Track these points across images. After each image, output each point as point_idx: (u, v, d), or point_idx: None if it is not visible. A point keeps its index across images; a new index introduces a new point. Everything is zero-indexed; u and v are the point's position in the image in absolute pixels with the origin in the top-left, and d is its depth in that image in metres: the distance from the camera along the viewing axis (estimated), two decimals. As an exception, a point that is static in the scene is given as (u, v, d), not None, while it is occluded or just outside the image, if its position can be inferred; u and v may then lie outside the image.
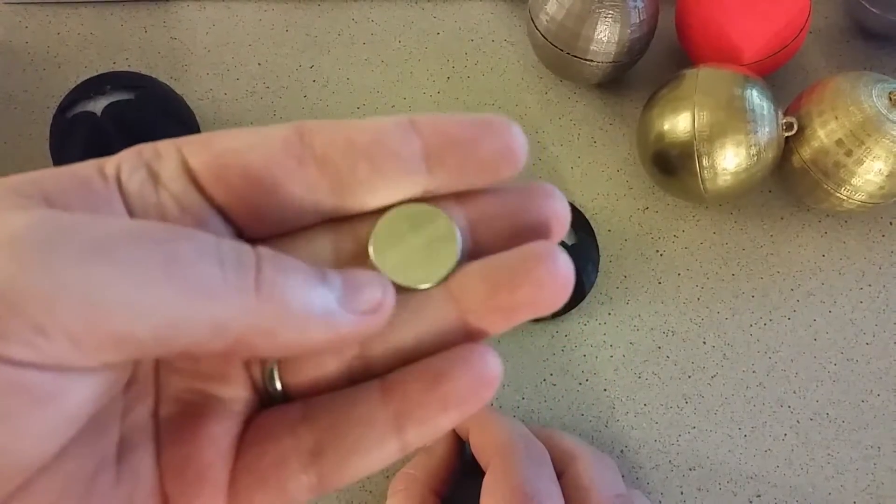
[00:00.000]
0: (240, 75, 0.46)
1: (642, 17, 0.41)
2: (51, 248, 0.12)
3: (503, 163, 0.16)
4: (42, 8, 0.48)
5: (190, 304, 0.13)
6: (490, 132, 0.16)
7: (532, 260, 0.15)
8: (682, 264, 0.42)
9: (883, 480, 0.38)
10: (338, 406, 0.16)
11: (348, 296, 0.15)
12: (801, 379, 0.40)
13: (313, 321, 0.14)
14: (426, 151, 0.15)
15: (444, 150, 0.15)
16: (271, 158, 0.15)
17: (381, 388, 0.16)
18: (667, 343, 0.40)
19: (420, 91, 0.46)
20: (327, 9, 0.49)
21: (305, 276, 0.14)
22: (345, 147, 0.15)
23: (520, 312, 0.16)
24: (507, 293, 0.15)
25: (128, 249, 0.12)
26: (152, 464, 0.15)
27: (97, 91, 0.38)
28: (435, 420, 0.15)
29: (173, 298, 0.12)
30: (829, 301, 0.42)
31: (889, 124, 0.37)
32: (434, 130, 0.16)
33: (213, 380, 0.16)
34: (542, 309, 0.16)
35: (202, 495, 0.15)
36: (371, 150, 0.15)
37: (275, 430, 0.16)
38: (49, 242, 0.12)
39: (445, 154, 0.15)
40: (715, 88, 0.38)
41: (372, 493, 0.36)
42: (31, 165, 0.43)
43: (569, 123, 0.46)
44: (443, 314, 0.16)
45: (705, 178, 0.39)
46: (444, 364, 0.16)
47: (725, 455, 0.38)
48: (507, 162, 0.16)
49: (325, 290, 0.15)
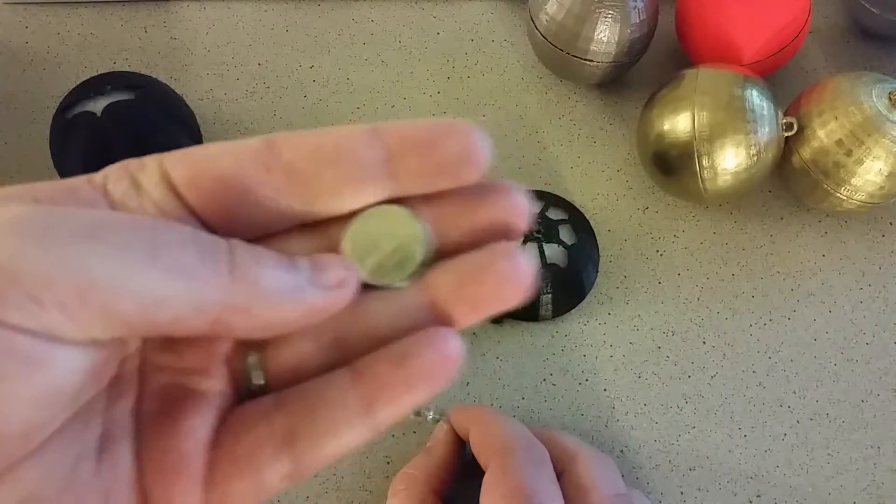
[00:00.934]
0: (240, 75, 0.46)
1: (642, 17, 0.41)
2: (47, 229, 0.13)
3: (465, 165, 0.17)
4: (42, 8, 0.48)
5: (172, 283, 0.14)
6: (450, 135, 0.17)
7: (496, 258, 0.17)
8: (682, 264, 0.42)
9: (883, 480, 0.38)
10: (309, 392, 0.17)
11: (316, 274, 0.16)
12: (801, 379, 0.40)
13: (285, 297, 0.15)
14: (389, 156, 0.16)
15: (406, 154, 0.16)
16: (241, 166, 0.16)
17: (351, 373, 0.17)
18: (667, 343, 0.40)
19: (420, 91, 0.46)
20: (327, 9, 0.49)
21: (276, 260, 0.16)
22: (311, 155, 0.16)
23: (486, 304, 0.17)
24: (475, 286, 0.17)
25: (116, 234, 0.14)
26: (132, 459, 0.16)
27: (97, 91, 0.38)
28: (402, 399, 0.16)
29: (157, 278, 0.14)
30: (829, 301, 0.42)
31: (889, 124, 0.37)
32: (396, 136, 0.17)
33: (195, 374, 0.17)
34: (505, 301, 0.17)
35: (179, 484, 0.16)
36: (336, 156, 0.16)
37: (250, 419, 0.17)
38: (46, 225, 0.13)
39: (408, 158, 0.16)
40: (715, 88, 0.38)
41: (372, 493, 0.36)
42: (31, 165, 0.43)
43: (569, 123, 0.46)
44: (415, 304, 0.17)
45: (705, 178, 0.39)
46: (407, 346, 0.17)
47: (725, 455, 0.38)
48: (468, 164, 0.17)
49: (294, 271, 0.16)
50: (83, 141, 0.37)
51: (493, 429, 0.32)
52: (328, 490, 0.36)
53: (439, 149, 0.16)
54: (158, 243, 0.14)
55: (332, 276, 0.16)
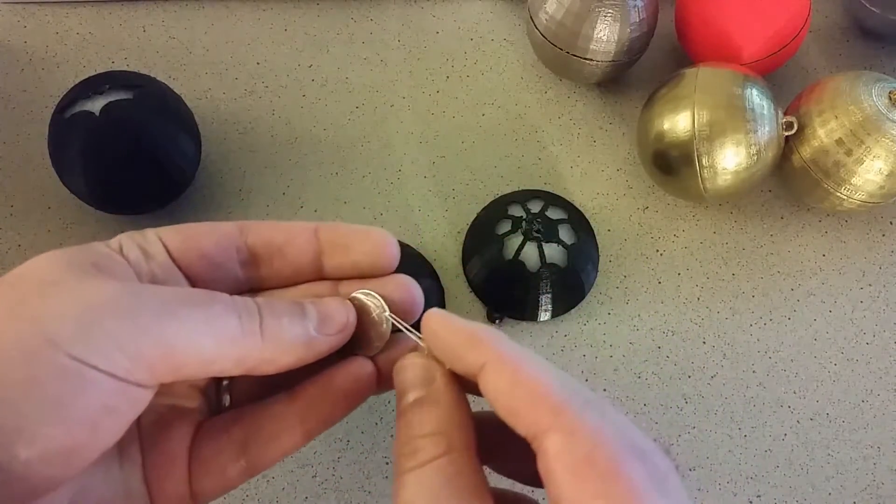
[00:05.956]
0: (238, 74, 0.46)
1: (642, 17, 0.41)
2: (137, 305, 0.18)
3: (377, 259, 0.23)
4: (41, 7, 0.48)
5: (222, 347, 0.19)
6: (367, 239, 0.23)
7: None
8: (682, 264, 0.42)
9: (883, 480, 0.38)
10: (258, 410, 0.23)
11: (322, 322, 0.21)
12: (801, 379, 0.40)
13: (300, 348, 0.21)
14: (321, 250, 0.23)
15: (332, 248, 0.23)
16: (219, 249, 0.23)
17: (289, 395, 0.23)
18: (667, 343, 0.40)
19: (419, 90, 0.46)
20: (326, 8, 0.49)
21: (291, 315, 0.21)
22: (266, 243, 0.23)
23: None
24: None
25: (185, 311, 0.19)
26: (140, 459, 0.21)
27: (96, 90, 0.38)
28: (329, 414, 0.22)
29: (213, 345, 0.19)
30: (830, 301, 0.42)
31: (889, 123, 0.37)
32: (328, 236, 0.23)
33: (180, 396, 0.23)
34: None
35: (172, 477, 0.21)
36: (282, 247, 0.23)
37: (216, 430, 0.22)
38: (135, 304, 0.18)
39: (334, 252, 0.23)
40: (715, 88, 0.38)
41: (371, 493, 0.36)
42: (29, 164, 0.43)
43: (568, 123, 0.46)
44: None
45: (705, 178, 0.38)
46: (332, 374, 0.22)
47: (725, 455, 0.38)
48: (380, 259, 0.23)
49: (306, 322, 0.21)
50: (81, 140, 0.37)
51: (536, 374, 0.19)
52: (327, 490, 0.36)
53: (354, 250, 0.23)
54: (211, 315, 0.19)
55: (336, 324, 0.22)
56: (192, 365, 0.19)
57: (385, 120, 0.45)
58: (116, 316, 0.18)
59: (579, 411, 0.17)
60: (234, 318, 0.20)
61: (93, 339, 0.17)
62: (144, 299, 0.19)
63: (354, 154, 0.44)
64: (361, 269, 0.23)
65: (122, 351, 0.18)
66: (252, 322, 0.20)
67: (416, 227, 0.43)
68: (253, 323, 0.20)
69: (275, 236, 0.23)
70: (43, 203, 0.42)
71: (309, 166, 0.44)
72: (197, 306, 0.19)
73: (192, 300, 0.20)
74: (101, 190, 0.38)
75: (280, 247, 0.23)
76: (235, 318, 0.20)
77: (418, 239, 0.42)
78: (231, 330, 0.20)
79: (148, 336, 0.18)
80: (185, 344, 0.19)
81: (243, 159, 0.44)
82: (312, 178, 0.43)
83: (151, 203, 0.40)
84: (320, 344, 0.21)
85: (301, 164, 0.44)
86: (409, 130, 0.45)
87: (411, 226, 0.43)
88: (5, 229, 0.41)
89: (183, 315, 0.19)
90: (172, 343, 0.18)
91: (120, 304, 0.18)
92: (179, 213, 0.42)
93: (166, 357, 0.18)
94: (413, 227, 0.42)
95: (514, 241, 0.39)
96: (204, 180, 0.43)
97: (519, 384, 0.18)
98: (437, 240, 0.42)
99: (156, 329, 0.18)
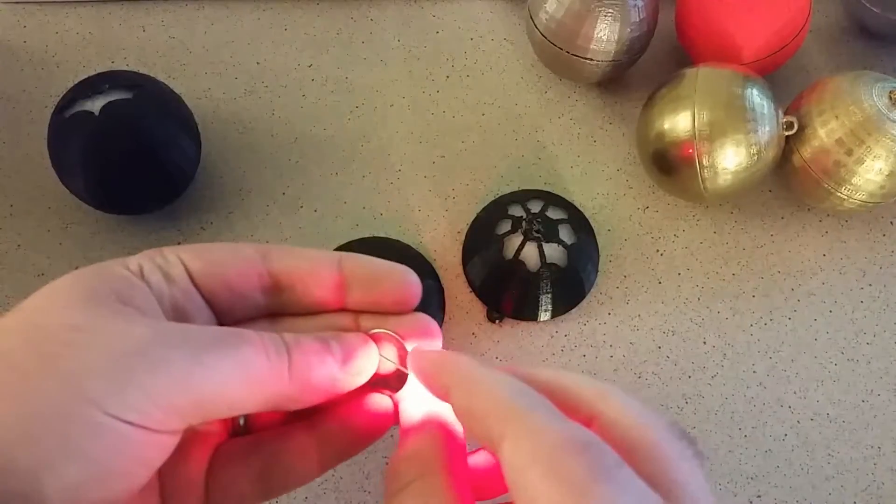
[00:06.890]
0: (238, 74, 0.46)
1: (642, 16, 0.41)
2: (169, 354, 0.18)
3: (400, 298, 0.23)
4: (40, 7, 0.48)
5: (251, 390, 0.20)
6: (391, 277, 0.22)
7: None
8: (682, 264, 0.42)
9: (883, 480, 0.38)
10: (276, 440, 0.23)
11: (346, 362, 0.21)
12: (801, 379, 0.40)
13: (325, 388, 0.21)
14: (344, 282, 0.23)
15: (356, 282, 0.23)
16: (241, 275, 0.22)
17: (308, 427, 0.23)
18: (667, 343, 0.40)
19: (419, 90, 0.46)
20: (326, 8, 0.49)
21: (318, 352, 0.21)
22: (289, 273, 0.23)
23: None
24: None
25: (215, 356, 0.19)
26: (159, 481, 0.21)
27: (95, 90, 0.38)
28: (347, 448, 0.22)
29: (242, 389, 0.19)
30: (830, 301, 0.42)
31: (889, 123, 0.37)
32: (353, 269, 0.23)
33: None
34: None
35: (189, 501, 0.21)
36: (305, 277, 0.23)
37: (235, 456, 0.22)
38: (167, 351, 0.18)
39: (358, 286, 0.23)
40: (715, 87, 0.38)
41: (371, 493, 0.36)
42: (29, 164, 0.43)
43: (568, 122, 0.46)
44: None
45: (705, 178, 0.38)
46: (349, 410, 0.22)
47: (725, 455, 0.38)
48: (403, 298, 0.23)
49: (331, 360, 0.21)
50: (81, 140, 0.37)
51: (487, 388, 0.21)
52: (327, 491, 0.36)
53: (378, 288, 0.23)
54: (241, 360, 0.19)
55: (359, 364, 0.22)
56: (221, 408, 0.19)
57: (385, 120, 0.45)
58: (149, 369, 0.18)
59: (525, 416, 0.18)
60: (264, 359, 0.20)
61: (128, 396, 0.18)
62: (175, 344, 0.19)
63: (354, 154, 0.44)
64: (384, 306, 0.23)
65: (156, 405, 0.18)
66: (281, 362, 0.20)
67: (416, 227, 0.42)
68: (282, 363, 0.20)
69: (299, 265, 0.23)
70: (43, 203, 0.42)
71: (309, 166, 0.44)
72: (227, 349, 0.19)
73: (222, 341, 0.19)
74: (101, 190, 0.38)
75: (303, 277, 0.23)
76: (265, 359, 0.20)
77: (418, 239, 0.42)
78: (261, 372, 0.20)
79: (180, 386, 0.18)
80: (214, 391, 0.19)
81: (243, 159, 0.44)
82: (312, 178, 0.43)
83: (151, 203, 0.40)
84: (345, 385, 0.22)
85: (301, 164, 0.44)
86: (409, 130, 0.45)
87: (411, 226, 0.43)
88: (5, 229, 0.41)
89: (213, 362, 0.19)
90: (203, 391, 0.19)
91: (152, 355, 0.18)
92: (179, 213, 0.42)
93: (197, 405, 0.19)
94: (413, 227, 0.42)
95: (514, 241, 0.39)
96: (204, 180, 0.43)
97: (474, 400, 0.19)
98: (437, 240, 0.42)
99: (189, 380, 0.18)
